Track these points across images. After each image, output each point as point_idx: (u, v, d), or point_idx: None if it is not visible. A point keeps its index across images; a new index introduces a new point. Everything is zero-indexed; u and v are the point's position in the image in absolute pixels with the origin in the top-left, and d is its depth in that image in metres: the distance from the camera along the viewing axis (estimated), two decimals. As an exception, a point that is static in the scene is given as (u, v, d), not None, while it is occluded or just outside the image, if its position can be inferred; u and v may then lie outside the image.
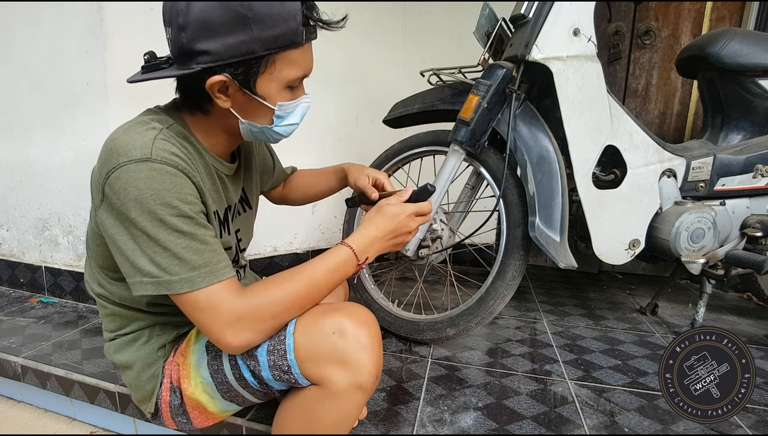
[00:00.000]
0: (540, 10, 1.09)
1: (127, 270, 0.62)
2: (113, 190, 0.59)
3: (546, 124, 1.15)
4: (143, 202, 0.57)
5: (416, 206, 0.76)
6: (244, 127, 0.69)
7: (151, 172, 0.58)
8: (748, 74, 1.27)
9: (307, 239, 1.91)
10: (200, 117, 0.69)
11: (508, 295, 1.16)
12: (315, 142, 1.83)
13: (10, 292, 1.76)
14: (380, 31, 1.94)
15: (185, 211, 0.60)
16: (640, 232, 1.23)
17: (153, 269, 0.59)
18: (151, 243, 0.59)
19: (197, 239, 0.61)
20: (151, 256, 0.59)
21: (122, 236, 0.60)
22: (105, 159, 0.60)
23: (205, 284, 0.60)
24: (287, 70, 0.64)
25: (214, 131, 0.71)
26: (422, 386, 1.05)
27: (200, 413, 0.75)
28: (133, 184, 0.57)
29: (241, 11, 0.57)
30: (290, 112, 0.69)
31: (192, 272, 0.59)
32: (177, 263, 0.59)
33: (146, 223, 0.58)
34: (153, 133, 0.61)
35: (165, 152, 0.60)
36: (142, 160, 0.58)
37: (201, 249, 0.61)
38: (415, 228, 0.77)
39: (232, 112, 0.66)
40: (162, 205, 0.58)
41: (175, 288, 0.59)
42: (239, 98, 0.65)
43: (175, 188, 0.59)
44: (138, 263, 0.60)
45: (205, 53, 0.59)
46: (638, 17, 1.85)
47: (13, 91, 1.62)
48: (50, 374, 1.16)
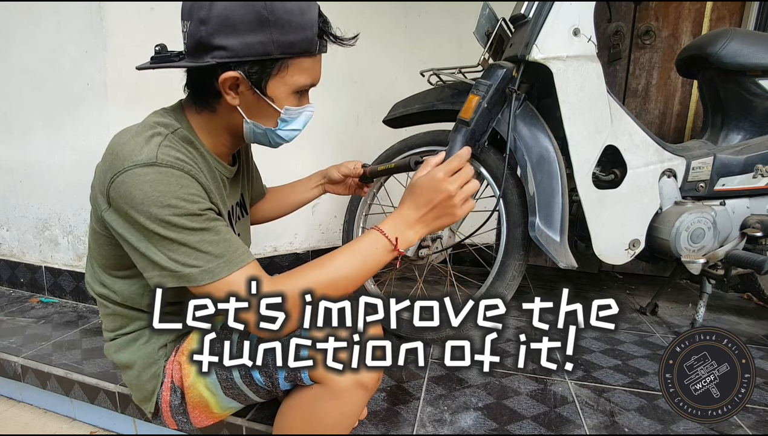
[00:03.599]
0: (540, 10, 1.09)
1: (144, 266, 0.62)
2: (119, 193, 0.59)
3: (546, 124, 1.15)
4: (150, 206, 0.58)
5: (446, 166, 0.66)
6: (248, 128, 0.70)
7: (157, 175, 0.59)
8: (748, 74, 1.27)
9: (307, 239, 1.91)
10: (206, 115, 0.70)
11: (508, 295, 1.16)
12: (315, 142, 1.83)
13: (10, 292, 1.76)
14: (380, 31, 1.94)
15: (193, 210, 0.60)
16: (640, 232, 1.23)
17: (171, 265, 0.60)
18: (165, 242, 0.60)
19: (210, 232, 0.61)
20: (167, 253, 0.60)
21: (133, 235, 0.61)
22: (111, 162, 0.61)
23: (225, 274, 0.61)
24: (298, 76, 0.66)
25: (218, 131, 0.71)
26: (422, 386, 1.05)
27: (201, 412, 0.75)
28: (139, 187, 0.58)
29: (263, 13, 0.59)
30: (295, 118, 0.71)
31: (211, 263, 0.60)
32: (195, 256, 0.60)
33: (155, 226, 0.59)
34: (159, 139, 0.62)
35: (170, 157, 0.61)
36: (148, 165, 0.59)
37: (215, 241, 0.61)
38: (457, 190, 0.66)
39: (238, 112, 0.67)
40: (169, 208, 0.58)
41: (197, 280, 0.60)
42: (248, 98, 0.66)
43: (182, 190, 0.60)
44: (155, 260, 0.60)
45: (222, 48, 0.61)
46: (638, 17, 1.85)
47: (13, 91, 1.62)
48: (50, 374, 1.16)
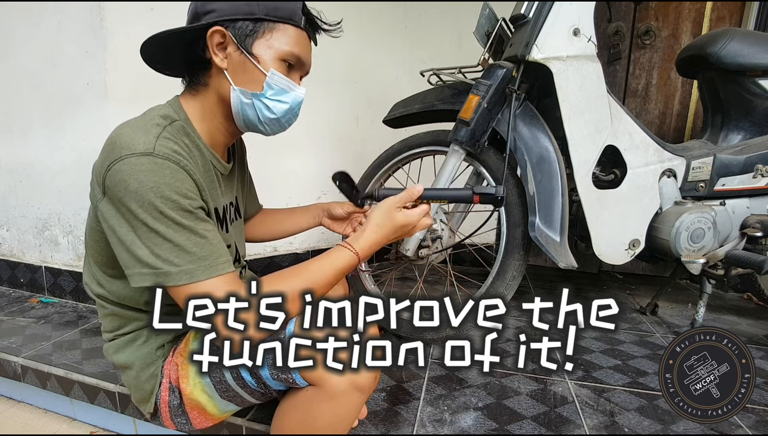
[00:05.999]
0: (540, 10, 1.09)
1: (127, 261, 0.62)
2: (114, 181, 0.59)
3: (546, 124, 1.15)
4: (143, 194, 0.58)
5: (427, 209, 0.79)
6: (236, 98, 0.70)
7: (153, 165, 0.59)
8: (748, 74, 1.27)
9: (307, 239, 1.91)
10: (200, 96, 0.72)
11: (508, 295, 1.16)
12: (315, 142, 1.83)
13: (10, 292, 1.76)
14: (380, 31, 1.94)
15: (185, 205, 0.61)
16: (640, 232, 1.23)
17: (153, 260, 0.60)
18: (151, 235, 0.59)
19: (197, 233, 0.62)
20: (152, 247, 0.60)
21: (122, 227, 0.61)
22: (108, 152, 0.61)
23: (204, 277, 0.61)
24: (284, 41, 0.69)
25: (212, 112, 0.73)
26: (422, 386, 1.05)
27: (199, 413, 0.75)
28: (135, 176, 0.58)
29: None
30: (282, 88, 0.71)
31: (191, 265, 0.60)
32: (177, 254, 0.60)
33: (146, 215, 0.59)
34: (157, 130, 0.63)
35: (167, 149, 0.62)
36: (144, 154, 0.59)
37: (201, 243, 0.62)
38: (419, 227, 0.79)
39: (227, 82, 0.69)
40: (162, 199, 0.59)
41: (174, 280, 0.60)
42: (235, 60, 0.68)
43: (176, 183, 0.60)
44: (138, 254, 0.60)
45: (211, 12, 0.67)
46: (638, 17, 1.85)
47: (13, 91, 1.62)
48: (50, 374, 1.16)
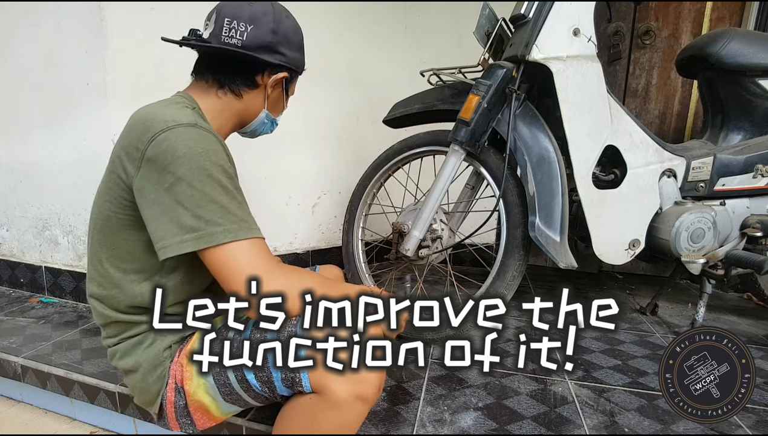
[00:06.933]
0: (540, 10, 1.09)
1: (165, 232, 0.63)
2: (159, 150, 0.63)
3: (546, 124, 1.15)
4: (192, 158, 0.63)
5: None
6: (262, 116, 0.86)
7: (199, 135, 0.65)
8: (748, 74, 1.27)
9: (307, 239, 1.91)
10: (226, 99, 0.80)
11: (508, 295, 1.16)
12: (315, 142, 1.83)
13: (10, 292, 1.76)
14: (380, 31, 1.94)
15: (230, 172, 0.67)
16: (640, 232, 1.23)
17: (195, 223, 0.62)
18: (196, 196, 0.62)
19: (237, 198, 0.67)
20: (194, 210, 0.62)
21: (163, 195, 0.63)
22: (147, 126, 0.65)
23: (247, 236, 0.65)
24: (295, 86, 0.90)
25: (229, 115, 0.82)
26: (422, 386, 1.05)
27: (203, 414, 0.75)
28: (183, 142, 0.63)
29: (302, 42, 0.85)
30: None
31: (234, 224, 0.64)
32: (221, 214, 0.63)
33: (193, 177, 0.62)
34: (191, 111, 0.71)
35: (207, 125, 0.69)
36: (190, 125, 0.66)
37: (242, 206, 0.67)
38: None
39: (260, 100, 0.84)
40: (210, 162, 0.64)
41: (218, 239, 0.62)
42: (276, 94, 0.85)
43: (219, 152, 0.67)
44: (181, 220, 0.62)
45: (282, 54, 0.80)
46: (638, 17, 1.85)
47: (12, 91, 1.62)
48: (50, 374, 1.16)
